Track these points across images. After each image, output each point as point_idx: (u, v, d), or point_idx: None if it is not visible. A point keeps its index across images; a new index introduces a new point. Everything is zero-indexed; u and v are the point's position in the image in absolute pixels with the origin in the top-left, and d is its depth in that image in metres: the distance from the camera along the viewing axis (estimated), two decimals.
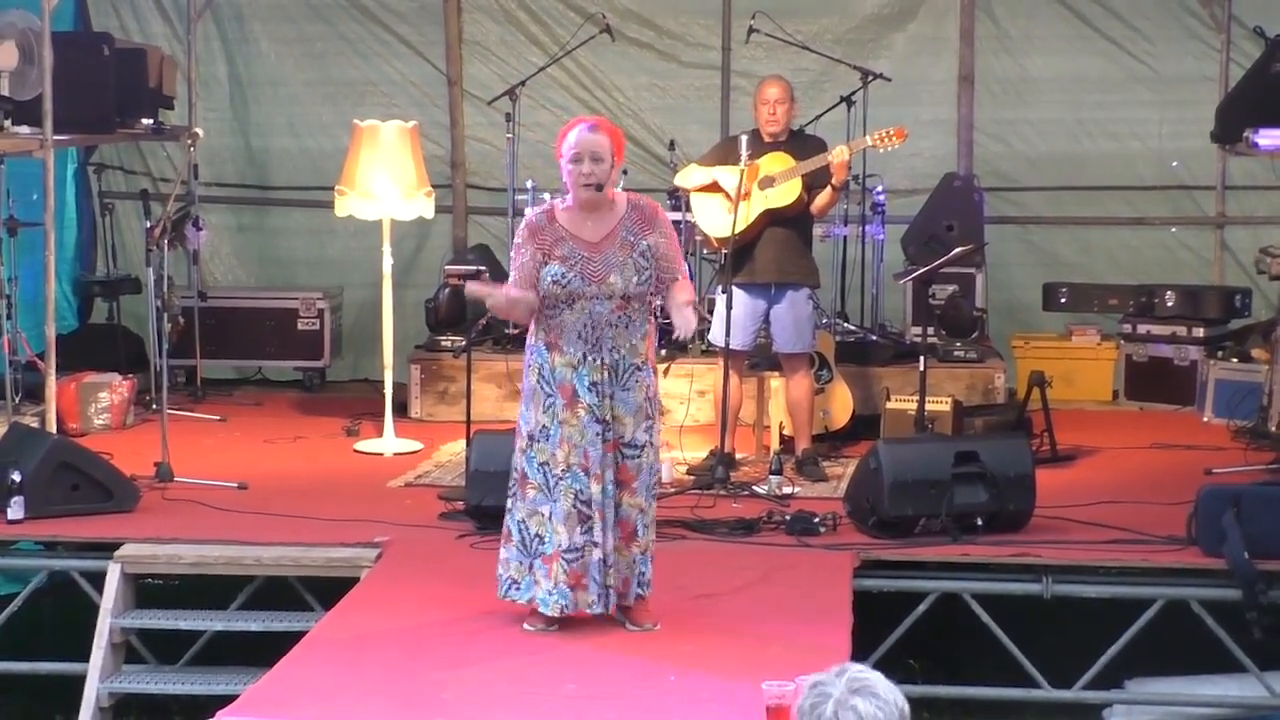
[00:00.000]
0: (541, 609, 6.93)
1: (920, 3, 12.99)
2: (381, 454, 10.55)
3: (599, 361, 6.85)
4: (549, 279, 6.81)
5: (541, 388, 6.89)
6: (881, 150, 9.91)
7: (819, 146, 9.73)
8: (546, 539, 6.88)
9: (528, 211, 7.36)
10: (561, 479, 6.86)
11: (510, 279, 6.99)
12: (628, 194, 7.04)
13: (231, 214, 13.43)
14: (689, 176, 9.93)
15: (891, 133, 9.71)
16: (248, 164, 13.41)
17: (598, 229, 6.89)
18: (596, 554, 6.87)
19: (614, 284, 6.82)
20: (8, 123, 9.98)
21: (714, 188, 9.73)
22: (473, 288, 7.31)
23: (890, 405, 10.44)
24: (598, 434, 6.85)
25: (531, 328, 6.98)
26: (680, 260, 7.07)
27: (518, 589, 6.97)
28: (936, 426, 10.03)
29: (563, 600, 6.89)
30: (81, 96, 10.51)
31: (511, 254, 7.03)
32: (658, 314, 11.10)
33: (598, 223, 6.90)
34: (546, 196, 11.18)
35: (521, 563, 6.94)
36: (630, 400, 6.90)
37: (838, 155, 9.51)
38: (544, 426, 6.88)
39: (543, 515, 6.89)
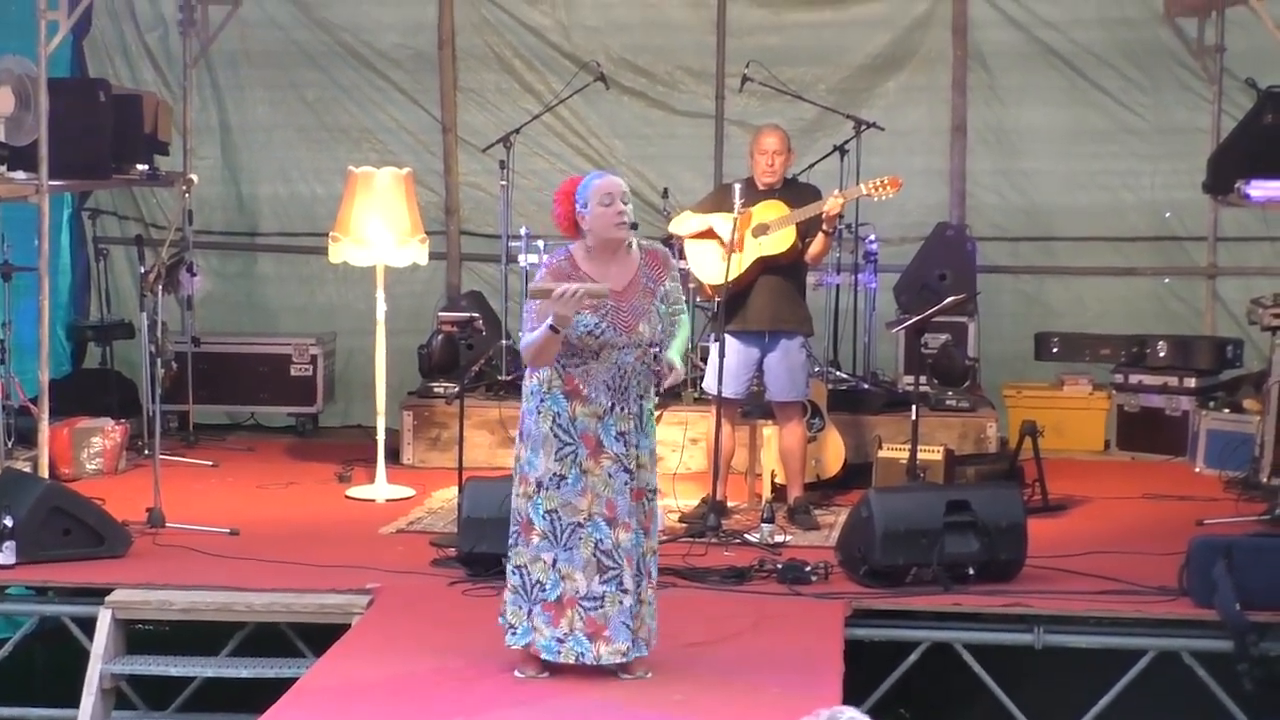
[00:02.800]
0: (546, 656, 6.91)
1: (912, 53, 13.05)
2: (374, 500, 10.54)
3: (626, 410, 6.85)
4: (582, 329, 6.76)
5: (557, 435, 6.85)
6: (876, 199, 9.94)
7: (813, 194, 9.76)
8: (549, 585, 6.86)
9: (539, 263, 7.22)
10: (582, 527, 6.84)
11: (526, 324, 6.90)
12: (636, 241, 7.06)
13: (224, 260, 13.45)
14: (683, 223, 9.95)
15: (886, 182, 9.73)
16: (238, 211, 13.43)
17: (620, 277, 6.89)
18: (628, 600, 6.86)
19: (643, 333, 6.83)
20: (3, 168, 10.02)
21: (708, 234, 9.75)
22: (535, 286, 6.91)
23: (882, 454, 10.45)
24: (625, 483, 6.85)
25: (540, 372, 6.92)
26: (682, 300, 7.15)
27: (514, 634, 6.95)
28: (928, 475, 10.04)
29: (580, 649, 6.88)
30: (77, 142, 10.55)
31: (528, 301, 6.96)
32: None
33: (619, 270, 6.90)
34: (540, 244, 11.23)
35: (520, 608, 6.92)
36: (648, 446, 6.95)
37: (832, 205, 9.55)
38: (557, 474, 6.84)
39: (545, 562, 6.86)
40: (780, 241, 9.62)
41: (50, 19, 10.00)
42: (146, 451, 10.91)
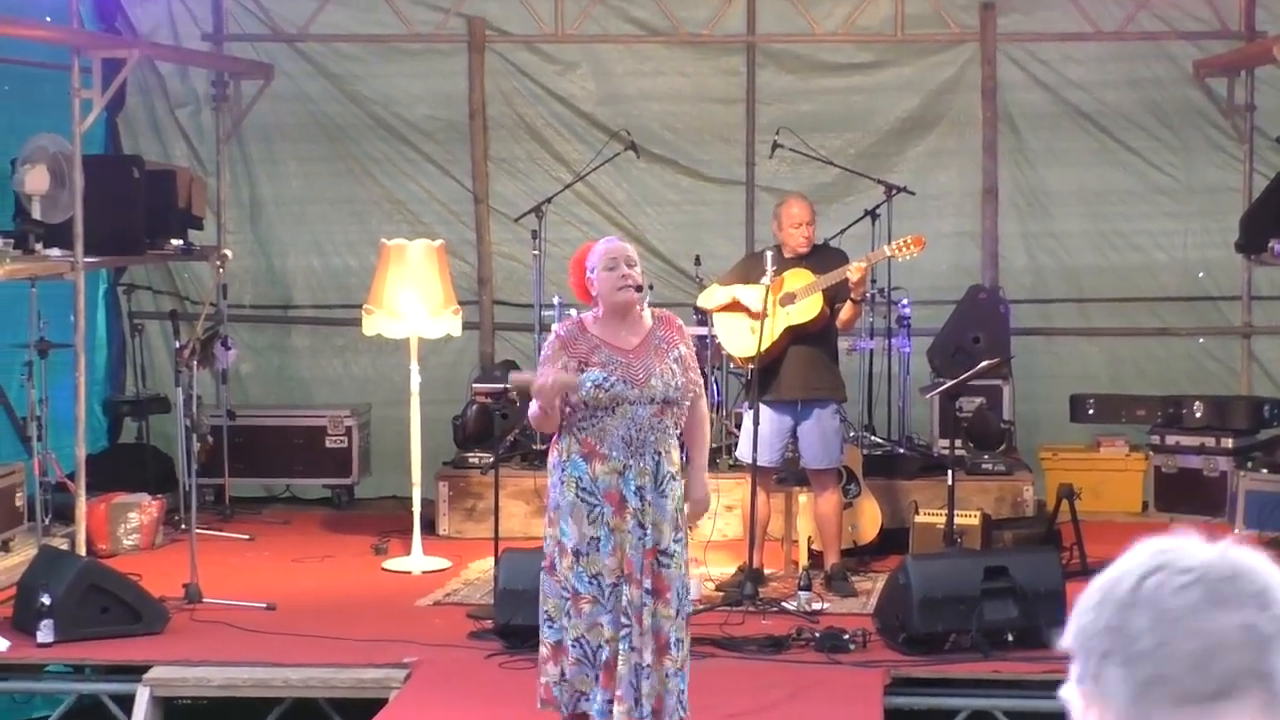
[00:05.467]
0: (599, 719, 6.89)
1: (941, 117, 13.08)
2: (410, 572, 10.55)
3: (643, 466, 6.84)
4: (590, 383, 6.77)
5: (583, 500, 6.83)
6: (901, 260, 9.94)
7: (840, 259, 9.75)
8: (606, 650, 6.84)
9: (554, 326, 7.32)
10: (618, 587, 6.82)
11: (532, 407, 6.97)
12: (650, 308, 7.09)
13: (258, 333, 13.50)
14: (710, 297, 9.96)
15: (909, 242, 9.72)
16: (271, 284, 13.49)
17: (631, 337, 6.92)
18: (634, 659, 6.83)
19: (655, 387, 6.82)
20: (39, 246, 10.09)
21: (735, 306, 9.75)
22: (516, 376, 7.14)
23: (919, 519, 10.42)
24: (640, 539, 6.84)
25: (560, 443, 6.95)
26: (699, 374, 7.14)
27: (587, 700, 6.88)
28: (965, 540, 10.01)
29: (609, 705, 6.85)
30: (112, 218, 10.64)
31: (539, 366, 7.02)
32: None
33: (630, 331, 6.92)
34: (573, 312, 11.23)
35: (587, 675, 6.85)
36: (665, 507, 6.89)
37: (855, 271, 9.53)
38: (592, 538, 6.82)
39: (601, 626, 6.82)
40: (808, 309, 9.61)
41: (84, 97, 10.11)
42: (183, 526, 10.93)
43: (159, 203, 11.46)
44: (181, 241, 11.76)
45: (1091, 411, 12.45)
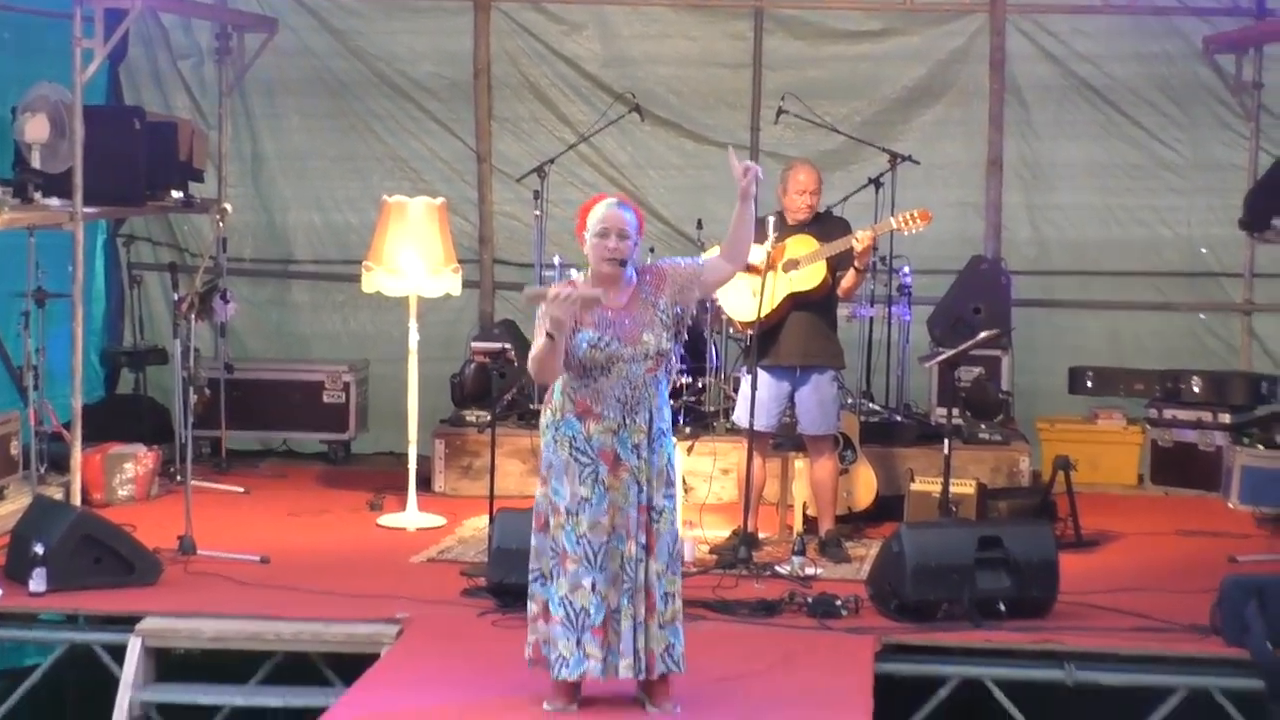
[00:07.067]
0: (598, 677, 6.86)
1: (948, 87, 13.05)
2: (404, 528, 10.54)
3: (637, 423, 6.85)
4: (585, 344, 6.80)
5: (576, 459, 6.85)
6: (906, 233, 9.90)
7: (843, 228, 9.74)
8: (593, 610, 6.83)
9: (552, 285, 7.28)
10: (607, 544, 6.83)
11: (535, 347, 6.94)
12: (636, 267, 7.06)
13: (258, 287, 13.48)
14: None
15: (915, 215, 9.71)
16: (271, 239, 13.46)
17: (620, 296, 6.92)
18: (634, 615, 6.83)
19: (648, 342, 6.84)
20: (38, 195, 10.05)
21: None
22: (531, 291, 7.06)
23: (914, 487, 10.41)
24: (637, 495, 6.85)
25: (553, 402, 6.96)
26: (690, 262, 7.12)
27: (566, 666, 6.87)
28: (961, 509, 10.01)
29: (617, 661, 6.84)
30: (112, 169, 10.58)
31: (536, 324, 7.01)
32: (684, 390, 11.25)
33: (619, 292, 6.93)
34: (574, 272, 11.19)
35: (570, 639, 6.86)
36: (656, 463, 6.91)
37: (862, 240, 9.52)
38: (584, 498, 6.84)
39: (586, 587, 6.82)
40: (811, 277, 9.60)
41: (86, 47, 10.07)
42: (178, 478, 10.93)
43: (159, 154, 11.40)
44: (182, 194, 11.71)
45: (1090, 384, 12.44)
